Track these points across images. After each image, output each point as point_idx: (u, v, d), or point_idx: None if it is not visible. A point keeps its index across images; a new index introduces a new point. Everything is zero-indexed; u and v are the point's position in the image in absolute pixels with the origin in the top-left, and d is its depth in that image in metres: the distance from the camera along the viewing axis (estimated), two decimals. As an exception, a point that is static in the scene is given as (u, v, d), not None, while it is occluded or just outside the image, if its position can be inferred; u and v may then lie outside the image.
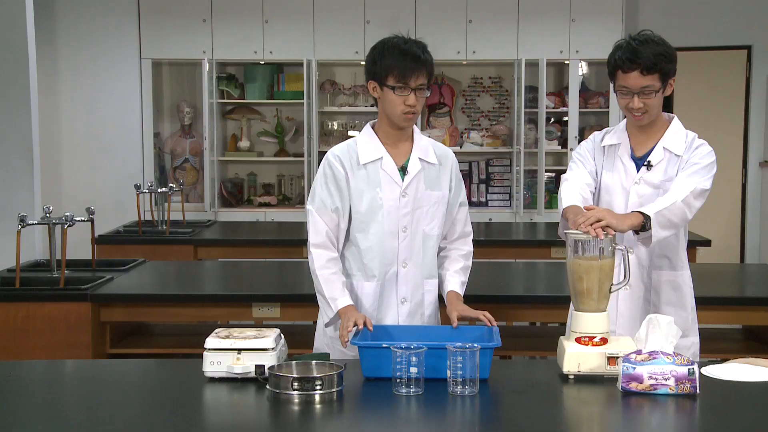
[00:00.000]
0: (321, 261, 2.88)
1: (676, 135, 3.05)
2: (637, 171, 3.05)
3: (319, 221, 2.89)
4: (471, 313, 2.84)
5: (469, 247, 3.09)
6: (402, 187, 2.91)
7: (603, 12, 7.16)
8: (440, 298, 3.05)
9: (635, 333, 2.93)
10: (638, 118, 2.99)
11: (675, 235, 3.00)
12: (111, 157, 7.36)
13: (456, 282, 3.00)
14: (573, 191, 2.98)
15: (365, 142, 2.93)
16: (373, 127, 2.98)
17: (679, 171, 3.00)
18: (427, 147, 2.97)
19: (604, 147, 3.11)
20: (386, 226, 2.90)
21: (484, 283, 4.25)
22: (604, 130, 3.18)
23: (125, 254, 5.10)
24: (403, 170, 2.92)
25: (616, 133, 3.12)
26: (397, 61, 2.81)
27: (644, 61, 2.90)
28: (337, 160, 2.92)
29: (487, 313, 2.82)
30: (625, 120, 3.12)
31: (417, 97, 2.84)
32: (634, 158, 3.07)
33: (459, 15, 7.22)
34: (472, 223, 3.13)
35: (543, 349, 4.04)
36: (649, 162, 3.03)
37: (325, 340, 2.98)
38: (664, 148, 3.03)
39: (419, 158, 2.93)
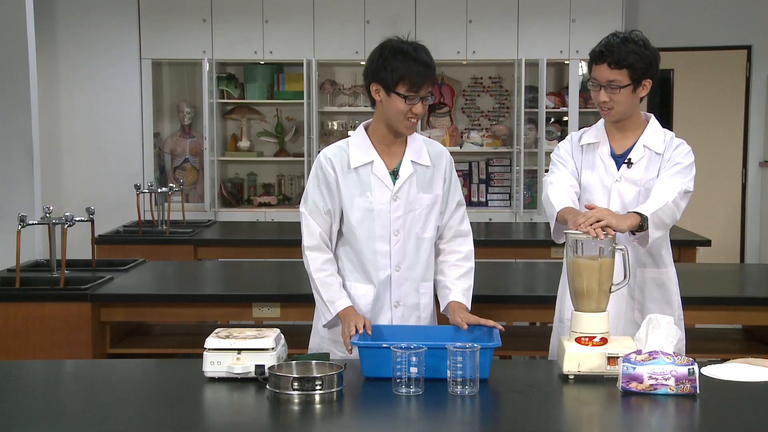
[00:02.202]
0: (316, 264, 2.88)
1: (655, 133, 3.06)
2: (618, 169, 3.05)
3: (312, 224, 2.88)
4: (472, 319, 2.79)
5: (468, 246, 3.02)
6: (393, 191, 2.88)
7: (603, 12, 7.15)
8: (436, 299, 3.02)
9: (620, 331, 2.95)
10: (605, 112, 3.00)
11: None
12: (111, 157, 7.36)
13: (458, 291, 2.93)
14: (562, 194, 2.98)
15: (357, 145, 2.90)
16: (366, 129, 2.94)
17: (660, 170, 3.00)
18: (420, 148, 2.93)
19: (582, 146, 3.11)
20: (377, 230, 2.87)
21: (484, 283, 4.24)
22: (582, 129, 3.18)
23: (125, 254, 5.10)
24: (394, 174, 2.90)
25: (594, 132, 3.12)
26: (410, 69, 2.76)
27: (614, 55, 2.92)
28: (328, 162, 2.89)
29: (489, 320, 2.78)
30: (604, 120, 3.12)
31: (423, 105, 2.82)
32: (614, 156, 3.07)
33: (459, 15, 7.22)
34: (472, 223, 3.11)
35: (543, 349, 4.03)
36: (629, 159, 3.04)
37: (317, 339, 2.98)
38: (644, 145, 3.04)
39: (411, 161, 2.90)
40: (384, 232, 2.88)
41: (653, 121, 3.10)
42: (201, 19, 7.24)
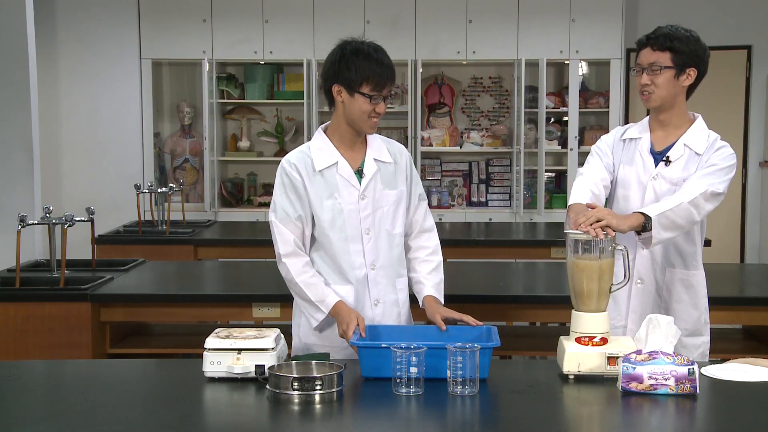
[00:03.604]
0: (296, 268, 2.87)
1: (699, 133, 3.03)
2: (655, 166, 3.03)
3: (284, 231, 2.88)
4: (454, 315, 2.82)
5: (434, 241, 3.04)
6: (360, 190, 2.89)
7: (603, 12, 7.15)
8: (412, 297, 3.03)
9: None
10: (645, 97, 3.00)
11: (689, 234, 3.00)
12: (111, 157, 7.36)
13: (431, 285, 2.96)
14: (583, 188, 2.98)
15: (319, 148, 2.91)
16: (325, 131, 2.95)
17: (697, 170, 2.98)
18: (380, 146, 2.95)
19: (624, 140, 3.10)
20: (349, 231, 2.88)
21: (484, 283, 4.25)
22: (628, 124, 3.19)
23: (125, 254, 5.11)
24: (359, 173, 2.91)
25: (638, 128, 3.12)
26: (373, 69, 2.79)
27: (658, 39, 2.95)
28: (293, 167, 2.89)
29: (469, 317, 2.80)
30: (649, 116, 3.11)
31: (384, 104, 2.84)
32: (653, 153, 3.05)
33: (459, 15, 7.22)
34: (472, 223, 3.12)
35: (543, 349, 4.04)
36: (667, 157, 3.01)
37: (301, 346, 2.96)
38: (684, 144, 3.01)
39: (374, 159, 2.92)
40: (356, 232, 2.89)
41: (699, 121, 3.07)
42: (201, 19, 7.24)
